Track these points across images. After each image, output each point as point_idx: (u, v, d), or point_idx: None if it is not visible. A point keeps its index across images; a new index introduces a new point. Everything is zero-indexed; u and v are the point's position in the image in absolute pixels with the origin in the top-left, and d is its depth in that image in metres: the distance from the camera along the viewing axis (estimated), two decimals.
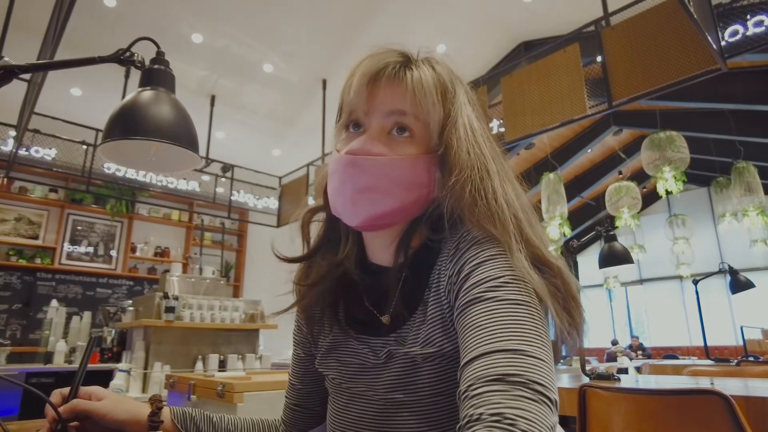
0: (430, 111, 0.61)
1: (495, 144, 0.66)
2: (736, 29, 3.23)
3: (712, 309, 9.72)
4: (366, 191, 0.60)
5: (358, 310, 0.69)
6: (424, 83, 0.61)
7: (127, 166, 1.17)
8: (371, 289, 0.69)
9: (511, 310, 0.50)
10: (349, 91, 0.63)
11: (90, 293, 6.56)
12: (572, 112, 3.57)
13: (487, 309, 0.51)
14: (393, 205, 0.61)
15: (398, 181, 0.60)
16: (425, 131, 0.62)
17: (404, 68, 0.63)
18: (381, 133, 0.62)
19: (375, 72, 0.62)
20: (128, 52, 0.98)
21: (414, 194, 0.62)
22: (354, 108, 0.64)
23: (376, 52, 0.65)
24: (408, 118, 0.61)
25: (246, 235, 8.19)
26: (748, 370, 2.64)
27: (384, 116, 0.62)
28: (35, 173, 5.89)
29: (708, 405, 1.18)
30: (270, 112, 6.82)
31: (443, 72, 0.65)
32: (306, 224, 0.73)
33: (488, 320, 0.50)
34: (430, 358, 0.59)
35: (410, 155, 0.61)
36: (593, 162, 9.75)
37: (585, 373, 2.34)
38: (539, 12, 5.54)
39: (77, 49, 4.68)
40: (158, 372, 2.93)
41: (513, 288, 0.52)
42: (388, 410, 0.62)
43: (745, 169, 5.99)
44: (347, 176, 0.61)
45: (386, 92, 0.62)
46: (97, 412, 0.70)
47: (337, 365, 0.69)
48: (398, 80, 0.62)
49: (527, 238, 0.58)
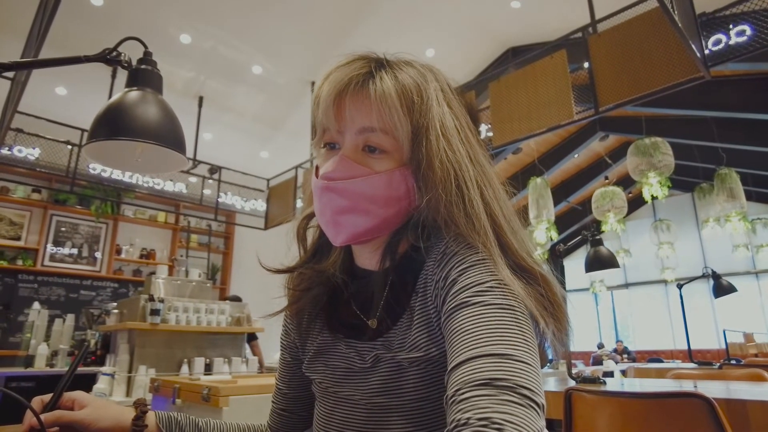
0: (396, 125, 0.60)
1: (474, 140, 0.65)
2: (719, 38, 3.30)
3: (695, 313, 9.88)
4: (345, 213, 0.61)
5: (346, 314, 0.69)
6: (387, 98, 0.59)
7: (113, 166, 1.15)
8: (358, 293, 0.69)
9: (498, 315, 0.50)
10: (318, 109, 0.63)
11: (73, 295, 6.46)
12: (559, 118, 3.60)
13: (473, 313, 0.51)
14: (374, 221, 0.61)
15: (375, 199, 0.61)
16: (397, 144, 0.61)
17: (367, 80, 0.61)
18: (355, 151, 0.61)
19: (340, 89, 0.61)
20: (115, 51, 0.97)
21: (393, 208, 0.62)
22: (326, 127, 0.63)
23: (342, 63, 0.64)
24: (377, 135, 0.60)
25: (233, 237, 8.13)
26: (730, 373, 2.68)
27: (355, 134, 0.61)
28: (17, 173, 5.79)
29: (691, 407, 1.20)
30: (258, 114, 6.79)
31: (408, 78, 0.62)
32: (301, 231, 0.73)
33: (474, 325, 0.50)
34: (416, 363, 0.59)
35: (385, 171, 0.61)
36: (580, 167, 9.87)
37: (571, 377, 2.36)
38: (527, 18, 5.60)
39: (63, 48, 4.62)
40: (143, 375, 2.88)
41: (499, 292, 0.52)
42: (374, 414, 0.62)
43: (727, 176, 6.10)
44: (325, 200, 0.61)
45: (352, 110, 0.61)
46: (81, 422, 0.69)
47: (324, 369, 0.69)
48: (363, 96, 0.60)
49: (507, 245, 0.58)
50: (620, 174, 9.00)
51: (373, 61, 0.64)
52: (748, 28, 3.19)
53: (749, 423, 1.38)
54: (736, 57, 3.22)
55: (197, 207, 6.82)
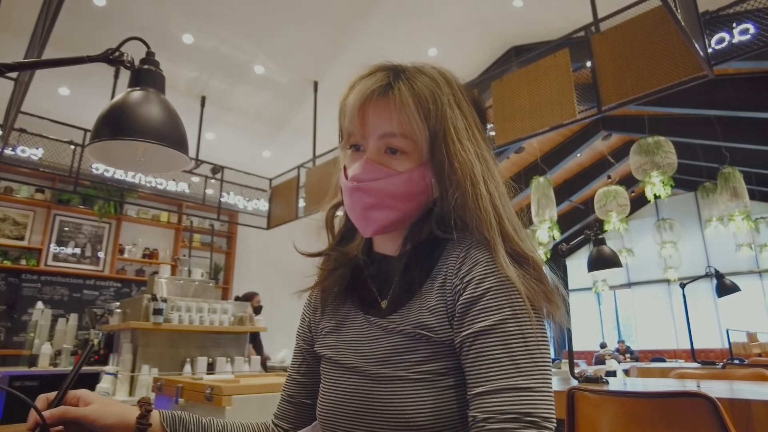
0: (415, 131, 0.68)
1: (480, 136, 0.72)
2: (722, 37, 3.29)
3: (698, 312, 9.84)
4: (372, 209, 0.70)
5: (365, 292, 0.76)
6: (405, 106, 0.67)
7: (116, 166, 1.16)
8: (377, 275, 0.76)
9: (518, 346, 0.59)
10: (344, 117, 0.71)
11: (77, 295, 6.48)
12: (562, 117, 3.60)
13: (497, 343, 0.59)
14: (397, 215, 0.70)
15: (399, 196, 0.69)
16: (416, 146, 0.69)
17: (388, 92, 0.68)
18: (378, 154, 0.70)
19: (363, 100, 0.69)
20: (118, 51, 0.97)
21: (415, 202, 0.71)
22: (351, 132, 0.72)
23: (365, 75, 0.72)
24: (397, 140, 0.68)
25: (235, 237, 8.14)
26: (733, 373, 2.67)
27: (377, 139, 0.69)
28: (21, 173, 5.81)
29: (694, 407, 1.20)
30: (260, 113, 6.79)
31: (424, 87, 0.69)
32: (330, 219, 0.83)
33: (498, 355, 0.59)
34: (421, 339, 0.66)
35: (406, 170, 0.69)
36: (582, 166, 9.85)
37: (573, 376, 2.36)
38: (530, 17, 5.58)
39: (65, 48, 4.63)
40: (146, 375, 2.89)
41: (521, 322, 0.60)
42: (378, 384, 0.67)
43: (731, 175, 6.08)
44: (356, 199, 0.70)
45: (375, 117, 0.69)
46: (86, 418, 0.69)
47: (336, 343, 0.76)
48: (384, 105, 0.68)
49: (506, 233, 0.66)
50: (623, 173, 8.98)
51: (392, 72, 0.71)
52: (752, 26, 3.18)
53: (753, 423, 1.38)
54: (739, 55, 3.21)
55: (200, 207, 6.82)
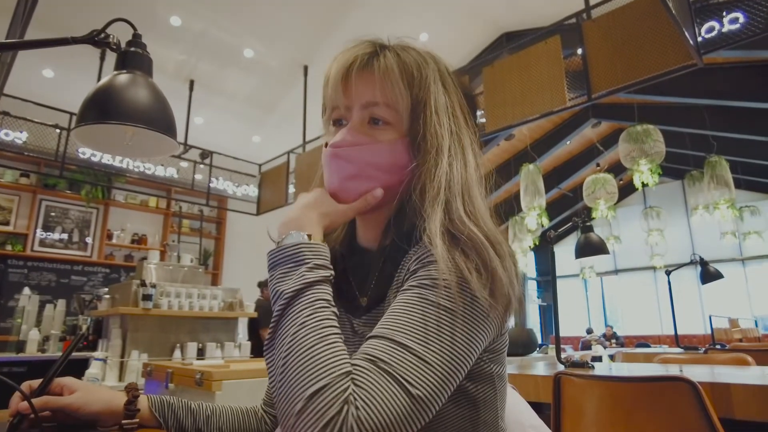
0: (398, 99, 0.65)
1: (461, 115, 0.69)
2: (712, 26, 3.30)
3: (683, 299, 10.01)
4: (352, 179, 0.65)
5: (344, 288, 0.71)
6: (390, 72, 0.64)
7: (103, 150, 1.14)
8: (356, 269, 0.71)
9: (425, 310, 0.52)
10: (327, 88, 0.68)
11: (64, 281, 6.42)
12: (552, 104, 3.60)
13: (403, 300, 0.54)
14: (378, 187, 0.65)
15: (379, 166, 0.65)
16: (398, 117, 0.66)
17: (372, 59, 0.66)
18: (361, 124, 0.66)
19: (347, 67, 0.65)
20: (103, 33, 0.95)
21: (396, 176, 0.66)
22: (335, 104, 0.68)
23: (349, 47, 0.68)
24: (380, 108, 0.65)
25: (225, 222, 8.10)
26: (715, 358, 2.73)
27: (361, 109, 0.66)
28: (5, 157, 5.70)
29: (676, 391, 1.22)
30: (250, 97, 6.72)
31: (410, 57, 0.67)
32: None
33: (398, 310, 0.53)
34: None
35: (388, 141, 0.65)
36: (572, 154, 9.89)
37: (560, 361, 2.39)
38: (521, 3, 5.56)
39: (49, 29, 4.52)
40: (135, 360, 2.89)
41: (438, 292, 0.53)
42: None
43: (717, 164, 6.15)
44: (334, 167, 0.66)
45: (358, 85, 0.66)
46: (69, 407, 0.69)
47: None
48: (368, 72, 0.65)
49: (455, 213, 0.60)
50: (612, 161, 9.04)
51: (378, 44, 0.69)
52: (741, 15, 3.19)
53: (732, 405, 1.42)
54: (728, 44, 3.22)
55: (189, 192, 6.77)
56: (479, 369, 0.60)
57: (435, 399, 0.49)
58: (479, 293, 0.54)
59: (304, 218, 0.62)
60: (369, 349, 0.50)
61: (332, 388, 0.45)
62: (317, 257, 0.57)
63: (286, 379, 0.48)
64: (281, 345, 0.51)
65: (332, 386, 0.45)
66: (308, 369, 0.47)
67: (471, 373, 0.59)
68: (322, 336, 0.50)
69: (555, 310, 2.53)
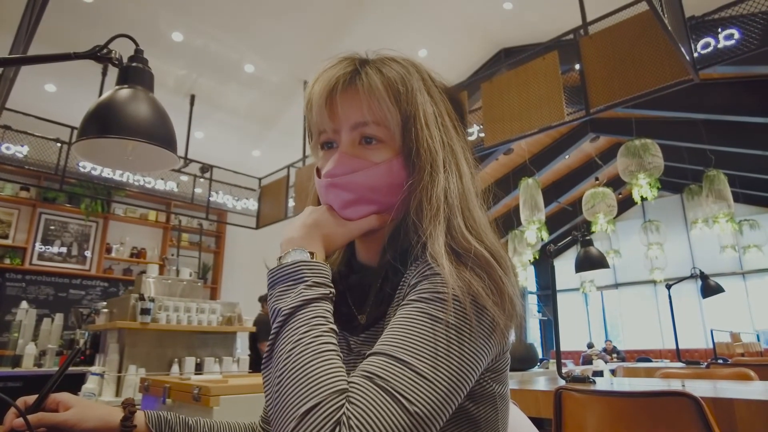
0: (386, 115, 0.63)
1: (450, 125, 0.68)
2: (707, 42, 3.34)
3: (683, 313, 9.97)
4: (351, 205, 0.64)
5: (342, 307, 0.69)
6: (375, 90, 0.62)
7: (104, 164, 1.15)
8: (355, 287, 0.70)
9: (419, 326, 0.51)
10: (311, 112, 0.66)
11: (62, 295, 6.39)
12: (550, 119, 3.63)
13: (403, 315, 0.53)
14: (379, 209, 0.65)
15: (378, 189, 0.64)
16: (390, 134, 0.64)
17: (354, 77, 0.64)
18: (352, 146, 0.64)
19: (329, 89, 0.63)
20: (105, 48, 0.96)
21: (396, 195, 0.64)
22: (322, 128, 0.66)
23: (329, 66, 0.67)
24: (370, 128, 0.63)
25: (224, 236, 8.08)
26: (717, 372, 2.71)
27: (350, 130, 0.64)
28: (6, 170, 5.71)
29: (679, 406, 1.21)
30: (250, 112, 6.76)
31: (392, 72, 0.65)
32: None
33: (397, 325, 0.52)
34: None
35: (383, 162, 0.63)
36: (570, 168, 9.94)
37: (561, 376, 2.37)
38: (520, 19, 5.62)
39: (52, 44, 4.57)
40: (132, 375, 2.86)
41: (440, 306, 0.52)
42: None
43: (715, 177, 6.17)
44: (332, 196, 0.65)
45: (344, 106, 0.64)
46: (64, 423, 0.68)
47: None
48: (352, 91, 0.64)
49: (455, 226, 0.59)
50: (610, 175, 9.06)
51: (358, 60, 0.67)
52: (737, 32, 3.23)
53: (735, 421, 1.40)
54: (724, 60, 3.26)
55: (188, 206, 6.77)
56: (481, 389, 0.59)
57: (436, 417, 0.47)
58: (489, 309, 0.53)
59: (307, 237, 0.61)
60: (366, 366, 0.49)
61: (325, 407, 0.45)
62: (316, 275, 0.57)
63: (280, 397, 0.48)
64: (277, 363, 0.50)
65: (325, 404, 0.45)
66: (302, 387, 0.46)
67: (472, 393, 0.58)
68: (317, 353, 0.49)
69: (555, 325, 2.52)
